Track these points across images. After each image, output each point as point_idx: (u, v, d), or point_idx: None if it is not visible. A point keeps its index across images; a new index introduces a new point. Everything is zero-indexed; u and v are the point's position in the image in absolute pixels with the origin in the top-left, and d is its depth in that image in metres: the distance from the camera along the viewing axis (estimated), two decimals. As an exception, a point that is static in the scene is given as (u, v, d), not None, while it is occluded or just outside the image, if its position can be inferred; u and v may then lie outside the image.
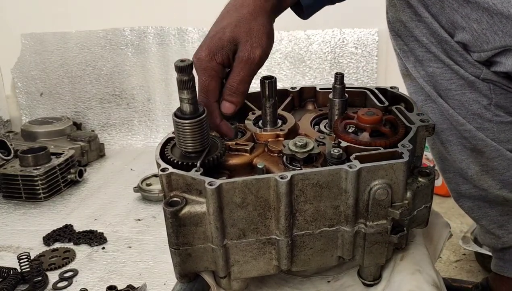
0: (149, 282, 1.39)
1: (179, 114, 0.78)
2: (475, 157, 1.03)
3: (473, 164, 1.04)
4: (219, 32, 0.85)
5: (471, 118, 0.99)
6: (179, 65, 0.74)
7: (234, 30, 0.84)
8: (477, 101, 0.97)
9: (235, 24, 0.85)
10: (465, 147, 1.03)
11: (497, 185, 1.04)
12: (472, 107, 0.98)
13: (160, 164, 0.78)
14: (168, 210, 0.73)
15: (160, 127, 2.60)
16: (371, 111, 0.85)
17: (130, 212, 1.84)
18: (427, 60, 1.00)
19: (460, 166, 1.05)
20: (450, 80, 0.98)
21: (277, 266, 0.80)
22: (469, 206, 1.13)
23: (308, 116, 0.97)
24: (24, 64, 2.58)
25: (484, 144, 1.00)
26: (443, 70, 0.98)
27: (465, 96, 0.98)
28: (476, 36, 0.88)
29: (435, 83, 1.00)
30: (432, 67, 0.99)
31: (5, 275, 1.41)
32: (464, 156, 1.04)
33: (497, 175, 1.03)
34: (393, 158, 0.76)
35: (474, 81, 0.96)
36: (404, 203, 0.78)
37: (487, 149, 1.00)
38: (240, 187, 0.73)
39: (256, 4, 0.87)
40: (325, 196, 0.75)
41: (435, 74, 0.99)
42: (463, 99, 0.98)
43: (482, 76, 0.95)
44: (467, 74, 0.95)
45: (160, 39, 2.52)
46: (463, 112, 0.99)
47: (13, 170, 1.94)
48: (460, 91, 0.98)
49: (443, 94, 1.00)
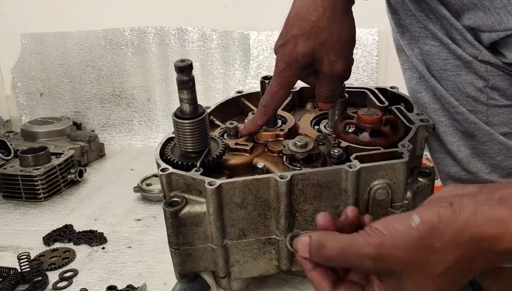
0: (149, 282, 1.39)
1: (179, 114, 0.78)
2: (466, 139, 1.01)
3: (464, 147, 1.01)
4: (291, 40, 0.81)
5: (464, 100, 0.97)
6: (179, 65, 0.74)
7: (306, 43, 0.80)
8: (471, 84, 0.95)
9: (306, 36, 0.80)
10: (456, 129, 1.00)
11: (487, 169, 1.02)
12: (466, 89, 0.95)
13: (160, 164, 0.78)
14: (168, 210, 0.73)
15: (160, 127, 2.59)
16: (371, 111, 0.85)
17: (130, 212, 1.83)
18: (424, 37, 0.97)
19: (451, 148, 1.02)
20: (446, 60, 0.95)
21: (277, 266, 0.80)
22: None
23: (308, 116, 0.98)
24: (24, 64, 2.58)
25: (476, 128, 0.97)
26: (439, 49, 0.95)
27: (460, 77, 0.95)
28: (488, 14, 0.84)
29: (430, 62, 0.98)
30: (428, 45, 0.96)
31: (5, 275, 1.41)
32: (455, 138, 1.01)
33: (488, 159, 1.01)
34: (393, 157, 0.76)
35: (471, 62, 0.92)
36: (404, 203, 0.78)
37: (479, 132, 0.98)
38: (240, 187, 0.73)
39: (326, 6, 0.79)
40: (325, 196, 0.75)
41: (431, 53, 0.97)
42: (457, 81, 0.96)
43: (480, 57, 0.92)
44: (465, 54, 0.92)
45: (160, 39, 2.52)
46: (456, 94, 0.97)
47: (13, 170, 1.94)
48: (455, 72, 0.95)
49: (436, 74, 0.98)
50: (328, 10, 0.79)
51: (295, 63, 0.82)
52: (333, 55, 0.81)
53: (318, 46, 0.80)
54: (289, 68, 0.82)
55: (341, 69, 0.82)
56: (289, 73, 0.83)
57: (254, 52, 2.48)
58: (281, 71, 0.83)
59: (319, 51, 0.81)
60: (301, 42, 0.80)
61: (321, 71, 0.83)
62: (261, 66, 2.50)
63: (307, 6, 0.80)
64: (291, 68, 0.82)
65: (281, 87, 0.84)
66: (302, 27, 0.80)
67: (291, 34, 0.81)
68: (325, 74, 0.83)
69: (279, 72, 0.84)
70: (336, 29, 0.80)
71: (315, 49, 0.80)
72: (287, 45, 0.81)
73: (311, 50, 0.80)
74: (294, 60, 0.81)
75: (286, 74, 0.83)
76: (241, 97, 1.02)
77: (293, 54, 0.81)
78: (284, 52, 0.82)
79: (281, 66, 0.83)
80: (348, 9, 0.83)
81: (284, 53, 0.82)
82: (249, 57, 2.49)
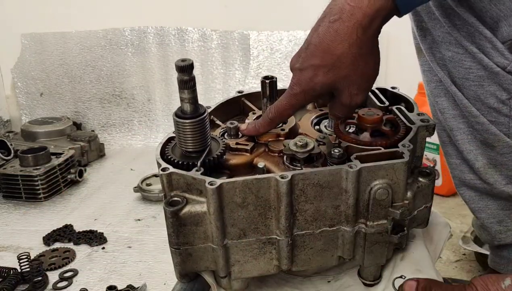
0: (149, 282, 1.39)
1: (179, 114, 0.78)
2: (484, 149, 0.99)
3: (481, 156, 1.00)
4: (309, 69, 0.75)
5: (486, 111, 0.94)
6: (179, 64, 0.74)
7: (327, 76, 0.75)
8: (494, 95, 0.92)
9: (328, 69, 0.74)
10: (475, 138, 0.99)
11: (504, 180, 1.01)
12: (489, 100, 0.93)
13: (160, 163, 0.78)
14: (169, 209, 0.73)
15: (160, 127, 2.59)
16: (372, 111, 0.85)
17: (130, 212, 1.84)
18: (447, 42, 0.92)
19: (468, 156, 1.01)
20: (469, 69, 0.91)
21: (278, 266, 0.80)
22: (470, 196, 1.09)
23: (308, 116, 0.98)
24: (24, 64, 2.58)
25: (496, 139, 0.96)
26: (463, 57, 0.91)
27: (483, 88, 0.92)
28: None
29: (452, 69, 0.94)
30: (452, 51, 0.92)
31: (5, 275, 1.41)
32: (473, 147, 1.00)
33: (505, 171, 1.00)
34: (393, 157, 0.76)
35: (498, 73, 0.89)
36: (405, 203, 0.78)
37: (499, 143, 0.96)
38: (240, 187, 0.73)
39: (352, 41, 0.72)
40: (325, 195, 0.75)
41: (453, 60, 0.92)
42: (480, 92, 0.92)
43: (508, 68, 0.88)
44: (491, 63, 0.88)
45: (160, 39, 2.52)
46: (477, 103, 0.94)
47: (13, 170, 1.94)
48: (478, 82, 0.91)
49: (458, 82, 0.94)
50: (354, 46, 0.73)
51: (311, 92, 0.77)
52: (355, 88, 0.77)
53: (339, 79, 0.76)
54: (303, 94, 0.78)
55: (361, 100, 0.79)
56: (303, 98, 0.79)
57: (254, 52, 2.48)
58: (295, 95, 0.79)
59: (340, 84, 0.76)
60: (321, 73, 0.75)
61: (340, 100, 0.79)
62: (261, 66, 2.50)
63: (332, 38, 0.73)
64: (306, 94, 0.78)
65: (290, 107, 0.81)
66: (324, 59, 0.74)
67: (311, 62, 0.75)
68: (343, 103, 0.79)
69: (293, 95, 0.79)
70: (360, 65, 0.75)
71: (336, 82, 0.76)
72: (305, 72, 0.76)
73: (331, 83, 0.76)
74: (311, 89, 0.77)
75: (299, 98, 0.79)
76: (241, 97, 1.02)
77: (311, 83, 0.76)
78: (300, 78, 0.77)
79: (296, 90, 0.78)
80: (376, 42, 0.77)
81: (300, 79, 0.77)
82: (249, 57, 2.49)
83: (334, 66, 0.74)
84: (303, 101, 0.81)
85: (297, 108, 0.83)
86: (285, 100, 0.81)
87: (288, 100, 0.81)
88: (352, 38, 0.72)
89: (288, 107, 0.82)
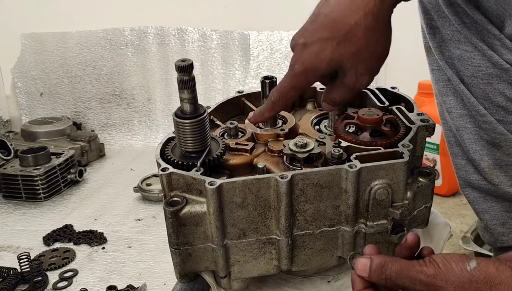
0: (149, 282, 1.39)
1: (179, 114, 0.78)
2: (490, 149, 0.98)
3: (487, 157, 0.98)
4: (316, 43, 0.70)
5: (494, 110, 0.92)
6: (179, 65, 0.74)
7: (335, 50, 0.69)
8: (503, 93, 0.90)
9: (338, 42, 0.69)
10: (481, 137, 0.97)
11: (508, 182, 0.99)
12: (497, 99, 0.91)
13: (160, 163, 0.78)
14: (169, 209, 0.73)
15: (160, 127, 2.59)
16: (372, 111, 0.85)
17: (130, 212, 1.84)
18: (456, 41, 0.90)
19: (474, 156, 0.99)
20: (478, 67, 0.89)
21: (277, 266, 0.80)
22: (474, 197, 1.07)
23: (308, 116, 0.98)
24: (24, 64, 2.58)
25: (503, 138, 0.94)
26: (472, 55, 0.89)
27: (491, 86, 0.90)
28: None
29: (460, 67, 0.92)
30: (461, 50, 0.90)
31: (5, 275, 1.41)
32: (479, 147, 0.98)
33: (511, 172, 0.98)
34: (393, 157, 0.76)
35: (508, 70, 0.87)
36: (405, 203, 0.78)
37: (506, 143, 0.94)
38: (240, 187, 0.73)
39: (368, 10, 0.67)
40: (325, 195, 0.75)
41: (462, 58, 0.91)
42: (488, 90, 0.91)
43: None
44: (501, 60, 0.86)
45: (160, 39, 2.52)
46: (485, 102, 0.92)
47: (13, 170, 1.94)
48: (486, 80, 0.90)
49: (467, 80, 0.92)
50: (370, 16, 0.67)
51: (315, 71, 0.72)
52: (362, 68, 0.72)
53: (348, 55, 0.70)
54: (306, 73, 0.73)
55: (366, 83, 0.76)
56: (305, 79, 0.74)
57: (254, 52, 2.48)
58: (296, 74, 0.75)
59: (348, 62, 0.71)
60: (330, 47, 0.69)
61: (343, 81, 0.75)
62: (261, 66, 2.50)
63: (345, 6, 0.68)
64: (308, 74, 0.73)
65: (292, 89, 0.77)
66: (334, 30, 0.68)
67: (318, 35, 0.70)
68: (346, 85, 0.75)
69: (294, 75, 0.75)
70: (373, 39, 0.70)
71: (344, 58, 0.71)
72: (310, 47, 0.71)
73: (338, 59, 0.71)
74: (315, 67, 0.72)
75: (301, 78, 0.75)
76: (241, 97, 1.01)
77: (317, 59, 0.70)
78: (304, 55, 0.72)
79: (297, 69, 0.73)
80: (389, 19, 0.72)
81: (304, 56, 0.72)
82: (249, 57, 2.49)
83: (345, 38, 0.69)
84: (305, 82, 0.76)
85: (300, 90, 0.78)
86: (286, 82, 0.78)
87: (289, 81, 0.77)
88: (369, 6, 0.67)
89: (290, 89, 0.77)
